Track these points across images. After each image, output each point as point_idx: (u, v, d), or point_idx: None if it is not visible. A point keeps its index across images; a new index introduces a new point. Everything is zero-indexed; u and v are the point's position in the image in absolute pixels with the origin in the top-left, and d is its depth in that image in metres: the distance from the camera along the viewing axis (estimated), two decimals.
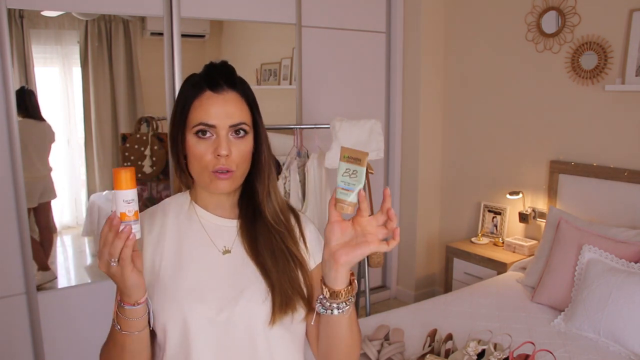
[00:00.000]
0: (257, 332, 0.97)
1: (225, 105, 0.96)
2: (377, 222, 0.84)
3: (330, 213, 0.86)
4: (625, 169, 2.64)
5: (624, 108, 2.68)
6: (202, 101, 0.97)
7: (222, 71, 0.99)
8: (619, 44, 2.66)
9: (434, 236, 3.80)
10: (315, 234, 1.11)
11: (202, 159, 0.96)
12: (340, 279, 0.88)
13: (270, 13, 3.00)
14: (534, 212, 3.10)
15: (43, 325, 2.52)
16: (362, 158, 0.82)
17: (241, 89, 1.00)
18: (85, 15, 2.57)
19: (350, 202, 0.83)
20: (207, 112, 0.96)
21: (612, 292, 2.14)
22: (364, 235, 0.85)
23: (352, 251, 0.85)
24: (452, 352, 1.99)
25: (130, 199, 0.87)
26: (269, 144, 1.06)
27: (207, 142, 0.96)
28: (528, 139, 3.14)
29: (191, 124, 0.97)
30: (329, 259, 0.87)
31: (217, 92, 0.97)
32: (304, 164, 2.73)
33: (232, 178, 0.97)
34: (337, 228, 0.86)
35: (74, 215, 2.78)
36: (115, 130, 2.80)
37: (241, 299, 0.97)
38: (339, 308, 0.91)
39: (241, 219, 1.05)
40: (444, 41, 3.61)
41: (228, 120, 0.96)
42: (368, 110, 3.59)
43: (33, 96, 2.47)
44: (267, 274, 0.99)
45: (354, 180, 0.82)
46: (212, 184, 0.98)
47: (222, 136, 0.96)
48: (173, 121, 1.01)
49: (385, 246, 0.84)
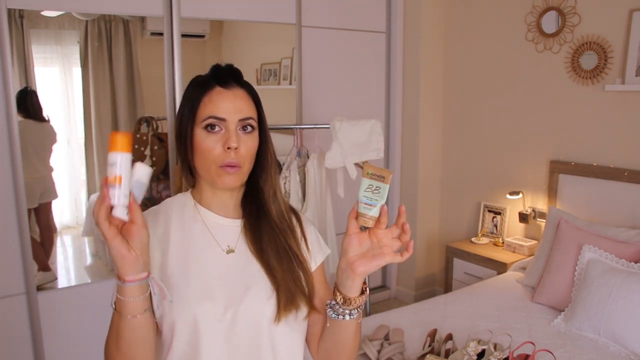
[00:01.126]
0: (262, 329, 0.99)
1: (235, 100, 0.99)
2: (392, 234, 0.90)
3: (350, 225, 0.91)
4: (626, 169, 2.64)
5: (624, 108, 2.68)
6: (212, 96, 0.99)
7: (230, 70, 1.03)
8: (619, 44, 2.66)
9: (434, 236, 3.80)
10: (315, 235, 1.13)
11: (211, 153, 0.97)
12: (356, 288, 0.94)
13: (270, 13, 3.00)
14: (534, 212, 3.10)
15: (43, 325, 2.52)
16: (386, 176, 0.88)
17: (248, 87, 1.04)
18: (85, 15, 2.57)
19: (371, 216, 0.88)
20: (217, 106, 0.98)
21: (612, 292, 2.14)
22: (380, 247, 0.90)
23: (369, 262, 0.90)
24: (452, 352, 1.99)
25: (111, 162, 0.83)
26: (272, 143, 1.07)
27: (216, 136, 0.98)
28: (528, 139, 3.14)
29: (200, 118, 0.98)
30: (346, 269, 0.92)
31: (227, 87, 0.99)
32: (304, 164, 2.73)
33: (238, 173, 0.99)
34: (355, 240, 0.91)
35: (74, 215, 2.78)
36: (115, 130, 2.80)
37: (246, 297, 0.98)
38: (351, 314, 0.96)
39: (245, 218, 1.06)
40: (444, 41, 3.61)
41: (237, 114, 0.98)
42: (368, 110, 3.59)
43: (35, 97, 2.47)
44: (271, 272, 1.01)
45: (377, 196, 0.88)
46: (219, 179, 0.99)
47: (231, 130, 0.97)
48: (180, 118, 1.02)
49: (399, 257, 0.89)
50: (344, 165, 2.60)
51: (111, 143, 0.84)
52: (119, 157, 0.83)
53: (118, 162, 0.83)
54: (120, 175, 0.83)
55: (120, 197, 0.84)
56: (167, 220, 1.05)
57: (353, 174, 2.60)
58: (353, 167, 2.60)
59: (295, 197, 2.69)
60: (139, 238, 0.87)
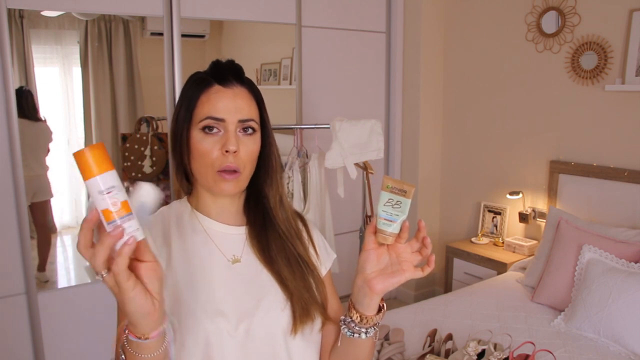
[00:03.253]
0: (278, 342, 0.93)
1: (235, 99, 0.91)
2: (412, 248, 0.84)
3: (367, 240, 0.84)
4: (625, 169, 2.64)
5: (624, 108, 2.68)
6: (209, 95, 0.91)
7: (231, 67, 0.95)
8: (619, 44, 2.66)
9: (434, 236, 3.80)
10: (321, 240, 1.08)
11: (208, 157, 0.90)
12: (373, 306, 0.88)
13: (270, 13, 3.00)
14: (534, 212, 3.10)
15: (43, 325, 2.52)
16: (408, 190, 0.81)
17: (249, 85, 0.96)
18: (85, 15, 2.57)
19: (391, 232, 0.82)
20: (215, 106, 0.90)
21: (612, 292, 2.14)
22: (399, 262, 0.84)
23: (388, 279, 0.84)
24: (452, 352, 1.99)
25: (108, 186, 0.62)
26: (277, 145, 1.00)
27: (214, 138, 0.90)
28: (528, 139, 3.14)
29: (197, 118, 0.91)
30: (363, 286, 0.86)
31: (226, 86, 0.92)
32: (304, 164, 2.73)
33: (238, 180, 0.91)
34: (373, 256, 0.85)
35: (74, 215, 2.78)
36: (115, 130, 2.80)
37: (259, 310, 0.92)
38: (367, 332, 0.90)
39: (249, 225, 0.99)
40: (444, 41, 3.61)
41: (237, 114, 0.91)
42: (368, 110, 3.59)
43: (30, 97, 2.46)
44: (283, 282, 0.94)
45: (397, 211, 0.81)
46: (216, 186, 0.91)
47: (230, 131, 0.90)
48: (176, 118, 0.94)
49: (419, 273, 0.84)
50: (344, 165, 2.60)
51: (85, 165, 0.62)
52: (109, 178, 0.63)
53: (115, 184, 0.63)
54: (125, 199, 0.64)
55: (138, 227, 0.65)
56: (165, 231, 0.97)
57: (353, 174, 2.60)
58: (353, 167, 2.60)
59: (298, 197, 2.69)
60: (157, 276, 0.71)
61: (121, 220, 0.63)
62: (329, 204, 2.81)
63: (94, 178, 0.62)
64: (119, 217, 0.63)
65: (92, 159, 0.62)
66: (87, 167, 0.62)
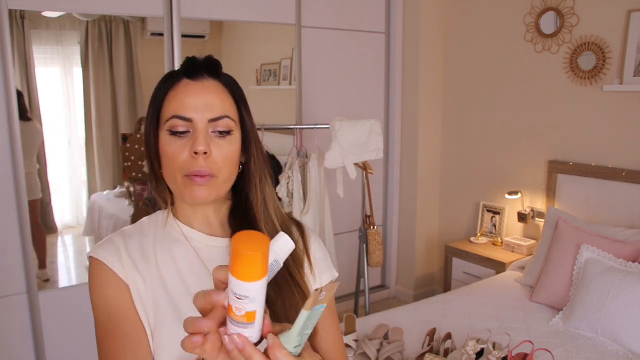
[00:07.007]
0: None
1: (205, 94, 0.81)
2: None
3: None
4: (624, 169, 2.65)
5: (622, 108, 2.69)
6: (177, 91, 0.81)
7: (205, 61, 0.84)
8: (617, 45, 2.68)
9: (434, 236, 3.81)
10: (322, 251, 0.97)
11: (176, 160, 0.80)
12: None
13: (270, 13, 3.01)
14: (533, 212, 3.11)
15: (44, 324, 2.53)
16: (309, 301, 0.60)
17: (225, 79, 0.85)
18: (86, 16, 2.58)
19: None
20: (181, 102, 0.80)
21: (610, 291, 2.15)
22: None
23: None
24: (451, 351, 2.00)
25: (245, 294, 0.56)
26: (261, 146, 0.90)
27: (183, 140, 0.80)
28: (527, 139, 3.15)
29: (164, 119, 0.81)
30: None
31: (196, 79, 0.82)
32: (304, 164, 2.74)
33: (211, 184, 0.81)
34: None
35: (75, 215, 2.79)
36: (115, 130, 2.81)
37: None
38: None
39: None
40: (444, 41, 3.62)
41: (207, 112, 0.80)
42: (368, 110, 3.60)
43: (20, 97, 2.45)
44: (269, 304, 0.80)
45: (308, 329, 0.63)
46: (186, 191, 0.81)
47: (199, 130, 0.79)
48: (147, 120, 0.85)
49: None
50: (344, 166, 2.61)
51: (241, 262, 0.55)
52: (252, 288, 0.56)
53: (256, 297, 0.57)
54: (254, 310, 0.58)
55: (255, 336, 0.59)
56: (144, 242, 0.87)
57: (353, 174, 2.61)
58: (353, 167, 2.61)
59: (298, 197, 2.70)
60: None
61: (242, 326, 0.58)
62: (328, 204, 2.82)
63: (239, 281, 0.56)
64: (241, 323, 0.58)
65: (251, 262, 0.55)
66: (240, 265, 0.55)
